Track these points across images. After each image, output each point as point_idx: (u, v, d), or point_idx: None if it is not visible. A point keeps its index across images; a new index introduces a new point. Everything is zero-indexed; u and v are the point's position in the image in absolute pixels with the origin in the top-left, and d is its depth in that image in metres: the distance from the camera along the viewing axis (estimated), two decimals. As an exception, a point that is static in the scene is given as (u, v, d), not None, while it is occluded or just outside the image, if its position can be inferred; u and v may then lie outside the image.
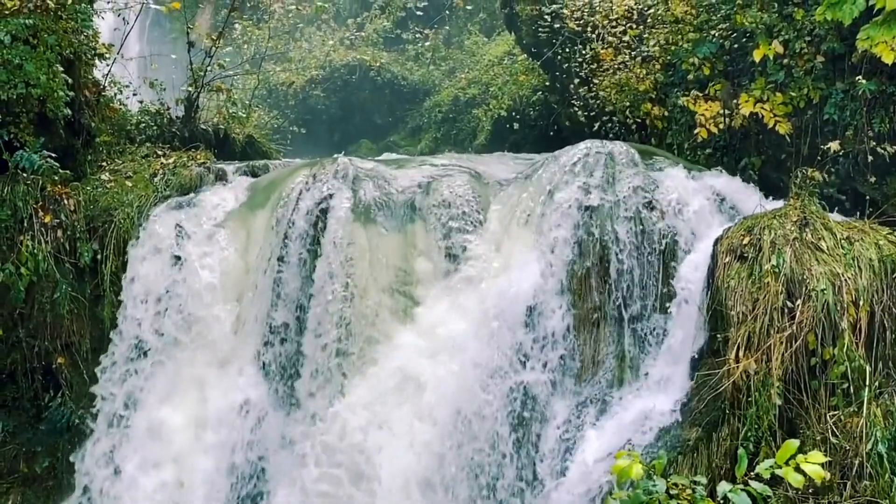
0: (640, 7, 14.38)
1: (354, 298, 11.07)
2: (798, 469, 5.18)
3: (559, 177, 11.10)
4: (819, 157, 10.81)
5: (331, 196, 11.51)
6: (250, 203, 12.25)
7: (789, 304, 9.07)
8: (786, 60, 11.37)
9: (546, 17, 15.94)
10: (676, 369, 10.12)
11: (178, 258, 11.67)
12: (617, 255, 10.60)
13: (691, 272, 10.28)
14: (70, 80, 11.92)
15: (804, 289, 9.04)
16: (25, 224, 11.44)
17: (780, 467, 5.26)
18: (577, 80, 15.20)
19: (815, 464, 5.10)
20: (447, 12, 26.51)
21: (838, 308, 8.88)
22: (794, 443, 5.18)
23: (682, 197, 10.82)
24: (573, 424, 10.39)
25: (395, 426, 10.53)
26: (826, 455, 8.44)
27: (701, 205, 10.81)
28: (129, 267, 11.70)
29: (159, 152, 13.45)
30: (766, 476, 5.32)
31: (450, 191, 11.56)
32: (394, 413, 10.61)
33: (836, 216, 10.25)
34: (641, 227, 10.67)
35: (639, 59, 13.86)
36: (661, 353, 10.36)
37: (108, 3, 14.93)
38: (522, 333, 10.64)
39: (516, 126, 18.65)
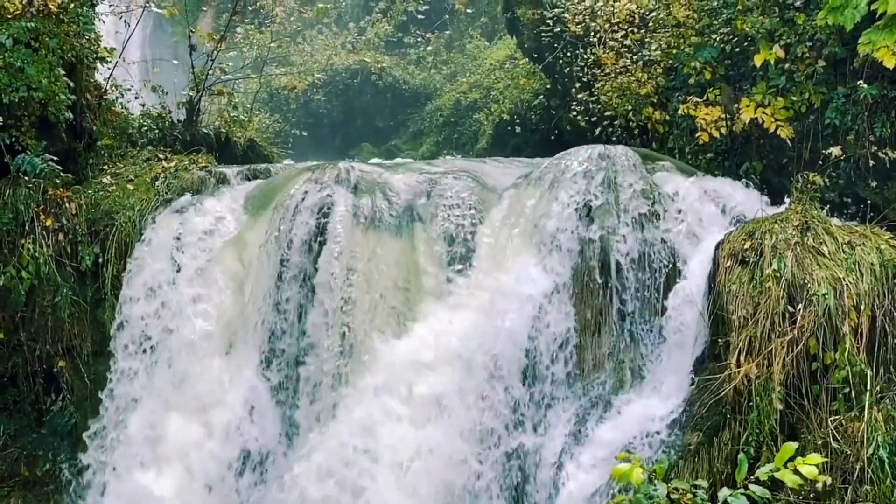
0: (641, 11, 14.38)
1: (354, 351, 10.46)
2: (796, 472, 5.18)
3: (556, 206, 10.61)
4: (820, 162, 10.80)
5: (326, 222, 11.02)
6: (248, 224, 11.77)
7: (790, 308, 9.06)
8: (787, 65, 11.37)
9: (547, 21, 15.96)
10: (670, 398, 9.93)
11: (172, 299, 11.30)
12: (621, 295, 10.32)
13: (684, 307, 9.98)
14: (72, 84, 11.94)
15: (805, 293, 9.04)
16: (27, 227, 11.45)
17: (778, 470, 5.26)
18: (578, 85, 15.20)
19: (811, 465, 5.10)
20: (447, 17, 26.52)
21: (839, 312, 8.87)
22: (793, 445, 5.18)
23: (695, 229, 10.39)
24: (565, 456, 10.01)
25: (370, 497, 9.64)
26: (827, 460, 8.46)
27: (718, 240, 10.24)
28: (119, 309, 11.45)
29: (161, 156, 13.43)
30: (764, 478, 5.31)
31: (451, 221, 11.05)
32: (365, 481, 9.73)
33: (837, 221, 10.25)
34: (647, 255, 10.37)
35: (640, 63, 13.86)
36: (657, 385, 10.09)
37: (110, 6, 14.94)
38: (519, 388, 10.12)
39: (518, 130, 18.66)
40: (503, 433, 10.00)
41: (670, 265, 10.36)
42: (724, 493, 5.44)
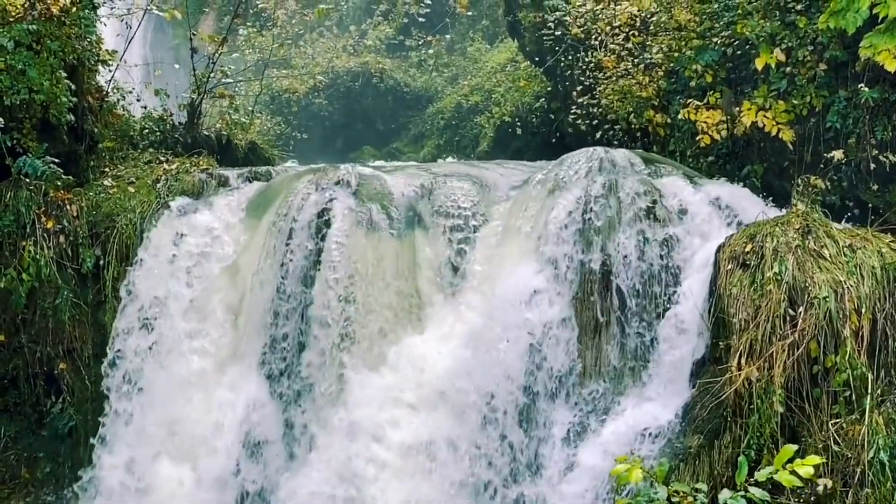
0: (642, 15, 14.39)
1: (350, 389, 10.08)
2: (793, 473, 5.17)
3: (552, 227, 10.32)
4: (822, 165, 10.80)
5: (322, 246, 10.81)
6: (246, 246, 11.44)
7: (791, 311, 9.05)
8: (788, 68, 11.37)
9: (549, 24, 15.97)
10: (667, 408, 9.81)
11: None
12: (624, 322, 10.14)
13: (678, 339, 9.83)
14: (73, 86, 11.95)
15: (806, 296, 9.02)
16: (28, 229, 11.45)
17: (777, 472, 5.25)
18: (579, 88, 15.21)
19: (808, 465, 5.09)
20: (447, 20, 26.52)
21: (840, 316, 8.86)
22: (792, 447, 5.17)
23: (704, 254, 10.08)
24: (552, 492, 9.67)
25: None
26: (828, 463, 8.44)
27: None
28: (111, 343, 11.26)
29: (162, 158, 13.44)
30: (763, 480, 5.30)
31: (452, 248, 10.78)
32: None
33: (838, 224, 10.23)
34: (651, 283, 10.16)
35: (641, 66, 13.86)
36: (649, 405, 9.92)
37: (111, 9, 14.96)
38: (517, 433, 9.78)
39: (519, 133, 18.67)
40: (499, 485, 9.61)
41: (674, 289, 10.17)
42: (723, 495, 5.43)
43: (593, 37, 15.09)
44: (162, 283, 11.29)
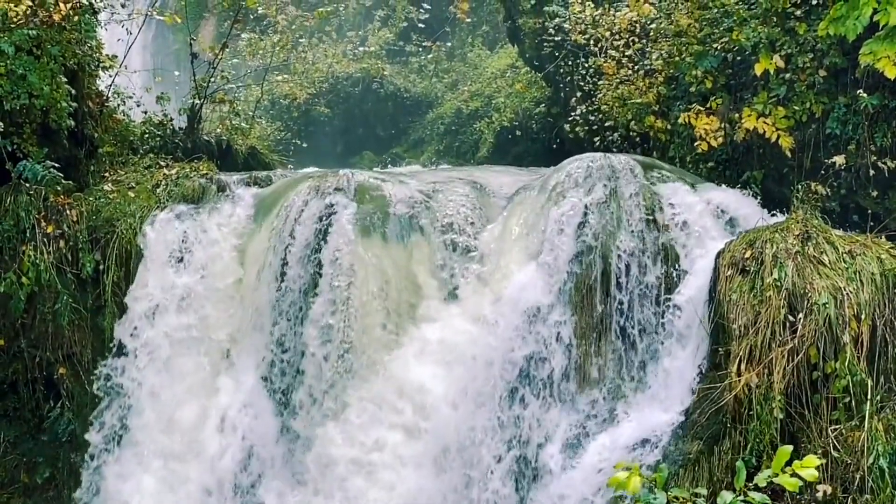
0: (643, 21, 14.40)
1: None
2: (794, 475, 5.16)
3: (552, 236, 10.25)
4: (822, 171, 10.81)
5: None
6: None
7: (791, 317, 9.05)
8: (788, 75, 11.39)
9: (549, 30, 15.99)
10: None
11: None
12: (623, 328, 10.10)
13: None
14: (73, 91, 11.95)
15: (806, 302, 9.03)
16: (28, 234, 11.45)
17: (777, 475, 5.24)
18: (579, 94, 15.22)
19: (810, 467, 5.08)
20: (447, 29, 26.55)
21: (840, 322, 8.87)
22: (788, 448, 5.15)
23: (704, 260, 10.03)
24: None
25: None
26: (828, 469, 8.44)
27: None
28: (87, 465, 11.27)
29: (162, 163, 13.44)
30: (763, 484, 5.29)
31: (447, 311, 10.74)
32: None
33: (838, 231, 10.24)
34: (651, 288, 10.11)
35: (641, 72, 13.87)
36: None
37: (112, 14, 14.97)
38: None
39: (519, 138, 18.69)
40: None
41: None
42: (724, 498, 5.42)
43: (593, 43, 15.11)
44: (140, 373, 11.29)
